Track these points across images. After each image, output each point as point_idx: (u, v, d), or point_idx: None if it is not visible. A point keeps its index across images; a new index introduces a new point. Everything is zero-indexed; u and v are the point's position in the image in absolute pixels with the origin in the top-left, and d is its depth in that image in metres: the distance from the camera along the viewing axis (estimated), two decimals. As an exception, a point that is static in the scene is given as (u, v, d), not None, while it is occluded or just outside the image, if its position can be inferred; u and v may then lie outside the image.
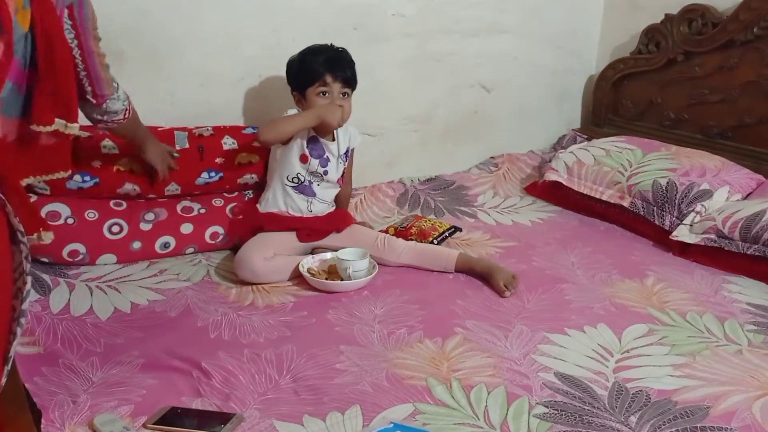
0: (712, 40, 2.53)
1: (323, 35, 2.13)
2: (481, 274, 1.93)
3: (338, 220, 2.10)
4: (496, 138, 2.85)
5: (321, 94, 1.98)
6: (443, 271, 1.98)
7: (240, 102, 2.26)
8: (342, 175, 2.14)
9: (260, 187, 2.15)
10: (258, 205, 2.07)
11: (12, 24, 1.17)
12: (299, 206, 2.05)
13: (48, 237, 1.26)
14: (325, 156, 2.05)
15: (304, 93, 2.00)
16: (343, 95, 2.01)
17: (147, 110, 2.08)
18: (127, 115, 1.60)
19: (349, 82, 2.02)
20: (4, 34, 1.15)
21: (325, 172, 2.06)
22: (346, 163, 2.15)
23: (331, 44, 2.05)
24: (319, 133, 2.04)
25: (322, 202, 2.08)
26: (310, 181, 2.05)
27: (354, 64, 2.04)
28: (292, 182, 2.04)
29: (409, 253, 2.01)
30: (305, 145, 2.02)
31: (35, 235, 1.23)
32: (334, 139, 2.08)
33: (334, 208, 2.15)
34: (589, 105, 3.05)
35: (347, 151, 2.14)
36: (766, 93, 2.43)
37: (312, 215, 2.06)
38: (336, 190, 2.13)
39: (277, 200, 2.04)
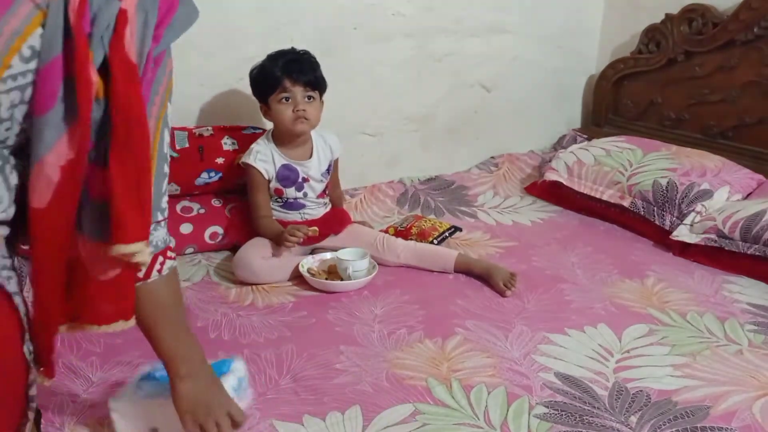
0: (712, 39, 2.53)
1: (323, 35, 2.13)
2: (480, 275, 1.92)
3: (336, 222, 2.08)
4: (496, 138, 2.85)
5: (284, 101, 1.91)
6: (443, 272, 1.98)
7: (240, 102, 2.25)
8: (325, 190, 2.09)
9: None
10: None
11: (91, 108, 0.82)
12: (293, 217, 2.03)
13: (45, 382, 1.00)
14: (299, 180, 2.00)
15: (268, 102, 1.94)
16: (308, 99, 1.93)
17: (147, 110, 2.09)
18: (161, 270, 1.01)
19: (313, 85, 1.94)
20: (80, 124, 0.81)
21: (305, 194, 2.03)
22: (329, 178, 2.10)
23: (293, 48, 1.98)
24: (290, 145, 2.00)
25: (314, 208, 2.06)
26: (295, 198, 2.03)
27: (318, 65, 1.97)
28: (277, 202, 2.03)
29: (408, 253, 2.01)
30: (276, 179, 1.99)
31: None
32: (311, 156, 2.04)
33: (330, 206, 2.13)
34: (589, 105, 3.05)
35: (329, 167, 2.08)
36: (766, 93, 2.43)
37: (308, 219, 2.05)
38: (324, 198, 2.11)
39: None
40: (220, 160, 2.07)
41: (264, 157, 1.97)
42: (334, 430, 1.30)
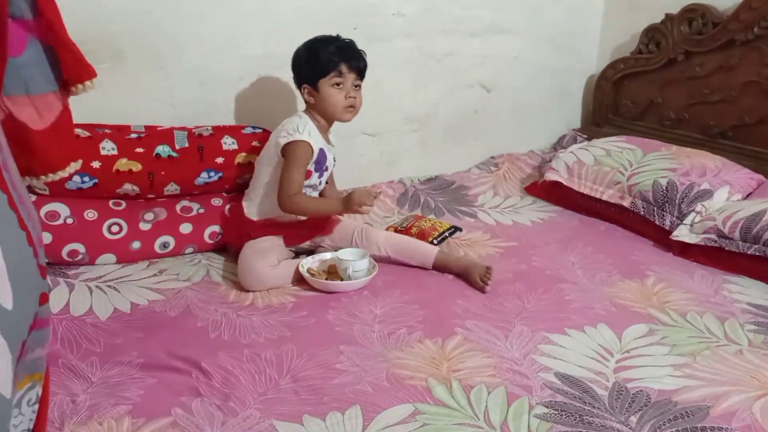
0: (712, 39, 2.53)
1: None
2: (459, 274, 1.92)
3: (326, 223, 2.04)
4: (496, 138, 2.85)
5: (335, 86, 1.92)
6: (423, 267, 1.97)
7: (240, 102, 2.25)
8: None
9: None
10: (247, 213, 2.02)
11: None
12: (293, 215, 2.01)
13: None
14: (324, 165, 2.02)
15: (316, 85, 1.93)
16: (356, 87, 1.95)
17: (147, 110, 2.10)
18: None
19: (363, 73, 1.96)
20: None
21: (320, 182, 2.04)
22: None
23: (338, 35, 1.99)
24: (323, 129, 2.00)
25: None
26: (315, 185, 2.03)
27: (365, 54, 1.99)
28: None
29: (389, 245, 2.00)
30: (313, 162, 1.96)
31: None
32: (331, 143, 2.06)
33: None
34: (589, 105, 3.05)
35: (334, 157, 2.11)
36: (766, 93, 2.43)
37: (300, 220, 2.02)
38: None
39: (271, 209, 1.98)
40: (219, 160, 2.07)
41: (314, 135, 1.95)
42: (334, 430, 1.29)
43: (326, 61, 1.90)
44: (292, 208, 1.93)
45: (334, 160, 2.11)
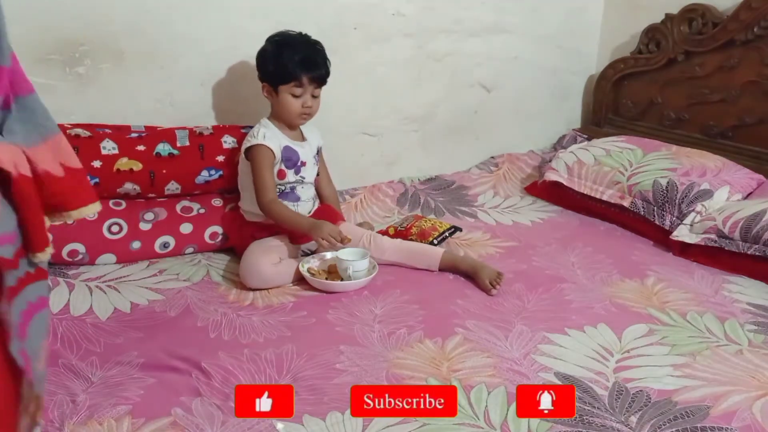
0: (712, 39, 2.53)
1: (323, 35, 2.12)
2: (466, 273, 1.92)
3: (327, 219, 2.03)
4: (496, 138, 2.85)
5: (295, 93, 1.94)
6: (428, 270, 1.97)
7: (240, 102, 2.25)
8: (317, 174, 2.12)
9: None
10: (243, 214, 2.04)
11: None
12: None
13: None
14: (299, 162, 2.02)
15: (277, 88, 1.96)
16: (314, 95, 1.98)
17: (147, 110, 2.10)
18: None
19: (323, 81, 1.98)
20: None
21: (302, 178, 2.04)
22: (318, 163, 2.13)
23: (305, 35, 1.99)
24: (286, 128, 2.02)
25: (306, 202, 2.07)
26: (292, 187, 2.03)
27: (328, 58, 1.99)
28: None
29: (395, 250, 2.00)
30: (281, 160, 1.99)
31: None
32: (304, 139, 2.06)
33: (318, 201, 2.14)
34: (589, 105, 3.05)
35: (318, 150, 2.12)
36: (766, 93, 2.43)
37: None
38: (313, 186, 2.13)
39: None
40: (220, 158, 2.07)
41: (272, 136, 1.97)
42: (334, 430, 1.29)
43: (289, 69, 1.92)
44: (270, 215, 1.95)
45: (318, 153, 2.11)
